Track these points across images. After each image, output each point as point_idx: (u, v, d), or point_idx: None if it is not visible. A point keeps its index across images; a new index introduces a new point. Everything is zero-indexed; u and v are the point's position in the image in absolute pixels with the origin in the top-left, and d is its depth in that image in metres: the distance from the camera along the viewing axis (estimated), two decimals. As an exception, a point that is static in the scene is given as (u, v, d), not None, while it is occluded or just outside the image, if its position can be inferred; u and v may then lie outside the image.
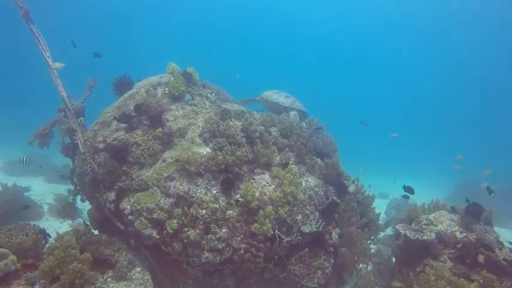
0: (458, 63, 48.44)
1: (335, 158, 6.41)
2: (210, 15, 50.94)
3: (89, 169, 5.48)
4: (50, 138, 6.62)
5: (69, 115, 5.77)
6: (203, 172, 5.34)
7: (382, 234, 7.55)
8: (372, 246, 7.51)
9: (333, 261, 5.88)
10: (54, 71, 5.91)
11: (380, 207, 15.35)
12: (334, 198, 6.01)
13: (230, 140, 5.50)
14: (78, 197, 7.02)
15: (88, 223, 6.14)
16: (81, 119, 6.32)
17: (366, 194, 7.29)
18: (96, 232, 6.27)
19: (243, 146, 5.70)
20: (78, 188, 6.62)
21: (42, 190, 12.45)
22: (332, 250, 5.85)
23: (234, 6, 49.89)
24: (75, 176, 6.34)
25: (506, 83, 45.45)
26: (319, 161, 6.40)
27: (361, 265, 6.56)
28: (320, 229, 5.65)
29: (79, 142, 5.63)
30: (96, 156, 5.82)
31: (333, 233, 5.94)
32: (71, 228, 6.39)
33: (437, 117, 52.16)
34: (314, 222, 5.62)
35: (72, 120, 5.75)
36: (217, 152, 5.26)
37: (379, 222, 7.38)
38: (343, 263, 6.18)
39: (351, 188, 6.83)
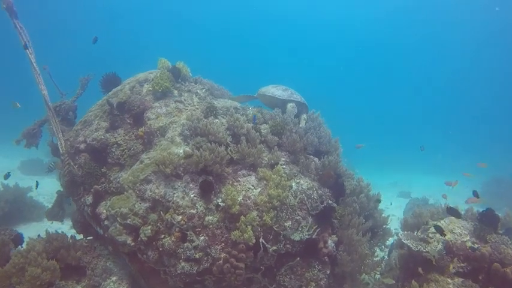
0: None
1: (333, 156, 5.84)
2: (210, 12, 50.48)
3: (66, 171, 5.22)
4: (38, 138, 6.46)
5: (49, 114, 5.53)
6: (182, 174, 4.94)
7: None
8: (379, 253, 6.88)
9: (328, 272, 5.33)
10: (36, 68, 5.70)
11: (400, 207, 14.47)
12: (330, 201, 5.46)
13: (211, 138, 5.06)
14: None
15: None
16: (70, 113, 6.10)
17: (371, 194, 6.65)
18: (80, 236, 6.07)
19: (228, 144, 5.25)
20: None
21: (53, 189, 12.50)
22: (327, 260, 5.31)
23: (235, 3, 49.41)
24: (59, 177, 6.13)
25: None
26: (316, 161, 5.85)
27: (364, 275, 5.98)
28: (313, 236, 5.12)
29: (58, 142, 5.39)
30: (77, 157, 5.57)
31: (329, 241, 5.37)
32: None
33: (460, 111, 49.59)
34: (306, 229, 5.09)
35: (52, 119, 5.51)
36: (195, 151, 4.83)
37: (387, 226, 6.74)
38: (342, 273, 5.62)
39: (352, 188, 6.23)
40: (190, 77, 6.64)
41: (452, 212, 5.16)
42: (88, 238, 5.89)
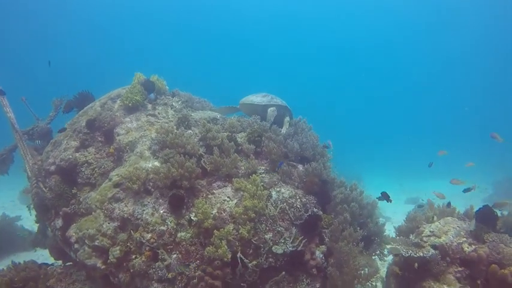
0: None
1: (318, 162, 5.51)
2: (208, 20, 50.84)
3: (34, 194, 4.99)
4: (8, 164, 6.27)
5: (16, 137, 5.35)
6: (152, 189, 4.67)
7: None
8: (378, 262, 6.44)
9: (318, 285, 4.93)
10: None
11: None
12: (315, 210, 5.10)
13: (180, 151, 4.79)
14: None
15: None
16: (38, 141, 5.92)
17: (365, 201, 6.25)
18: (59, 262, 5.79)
19: (202, 155, 4.98)
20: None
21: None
22: (316, 272, 4.91)
23: (230, 13, 49.94)
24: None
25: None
26: (300, 168, 5.53)
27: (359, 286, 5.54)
28: (299, 248, 4.75)
29: (26, 166, 5.18)
30: (47, 180, 5.34)
31: (317, 252, 5.00)
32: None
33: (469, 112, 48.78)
34: (290, 241, 4.73)
35: (19, 142, 5.32)
36: (163, 165, 4.57)
37: (385, 233, 6.31)
38: (334, 286, 5.20)
39: (344, 197, 5.86)
40: (167, 90, 6.45)
41: (385, 196, 5.48)
42: (67, 264, 5.62)
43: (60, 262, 5.80)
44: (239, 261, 4.36)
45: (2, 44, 42.29)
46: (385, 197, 5.36)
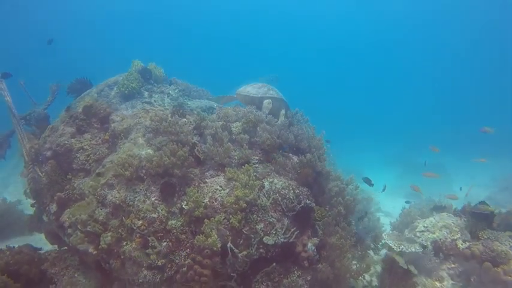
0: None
1: (313, 154, 5.44)
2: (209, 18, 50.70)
3: (30, 178, 5.03)
4: (5, 149, 6.30)
5: (13, 121, 5.37)
6: (145, 177, 4.66)
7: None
8: (374, 257, 6.41)
9: (309, 277, 4.90)
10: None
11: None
12: (308, 202, 5.05)
13: (173, 139, 4.76)
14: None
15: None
16: (34, 127, 5.95)
17: (360, 196, 6.19)
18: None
19: (195, 144, 4.94)
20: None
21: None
22: (307, 265, 4.88)
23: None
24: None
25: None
26: (295, 159, 5.48)
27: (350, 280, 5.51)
28: (291, 240, 4.72)
29: (23, 150, 5.21)
30: (44, 165, 5.37)
31: (309, 244, 4.97)
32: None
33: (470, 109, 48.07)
34: (282, 232, 4.69)
35: (16, 126, 5.35)
36: (156, 152, 4.55)
37: (380, 228, 6.25)
38: (326, 279, 5.17)
39: (339, 190, 5.80)
40: (166, 78, 6.42)
41: (367, 181, 5.36)
42: (62, 248, 5.67)
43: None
44: (229, 251, 4.34)
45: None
46: (366, 182, 5.32)
